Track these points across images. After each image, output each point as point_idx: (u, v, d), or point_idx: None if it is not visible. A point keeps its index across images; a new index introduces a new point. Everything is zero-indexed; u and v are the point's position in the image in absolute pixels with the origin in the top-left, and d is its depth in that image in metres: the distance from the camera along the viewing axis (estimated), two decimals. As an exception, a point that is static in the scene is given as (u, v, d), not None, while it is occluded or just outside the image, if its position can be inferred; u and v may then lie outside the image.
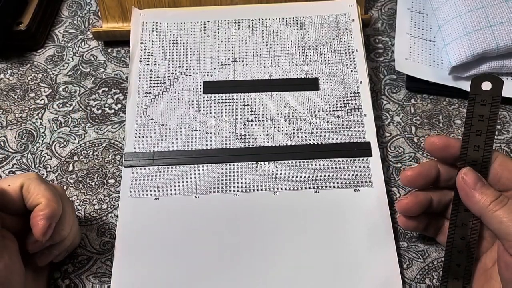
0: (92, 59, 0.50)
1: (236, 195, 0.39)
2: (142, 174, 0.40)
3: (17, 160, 0.43)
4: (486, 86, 0.33)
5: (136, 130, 0.42)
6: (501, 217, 0.30)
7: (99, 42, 0.51)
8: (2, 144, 0.44)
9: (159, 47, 0.46)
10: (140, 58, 0.46)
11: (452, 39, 0.44)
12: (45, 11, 0.51)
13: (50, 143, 0.44)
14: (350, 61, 0.45)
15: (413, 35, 0.48)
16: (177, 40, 0.47)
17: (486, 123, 0.33)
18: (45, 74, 0.48)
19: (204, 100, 0.44)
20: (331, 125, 0.42)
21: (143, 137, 0.42)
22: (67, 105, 0.46)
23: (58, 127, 0.45)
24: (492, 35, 0.43)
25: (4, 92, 0.47)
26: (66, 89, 0.47)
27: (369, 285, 0.35)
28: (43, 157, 0.43)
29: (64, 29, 0.52)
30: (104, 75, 0.48)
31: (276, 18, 0.48)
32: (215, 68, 0.45)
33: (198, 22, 0.48)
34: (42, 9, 0.50)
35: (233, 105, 0.43)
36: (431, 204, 0.35)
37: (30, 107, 0.46)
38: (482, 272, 0.33)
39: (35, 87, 0.48)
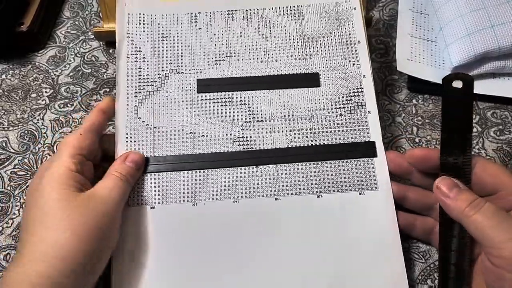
0: (94, 59, 0.50)
1: (236, 201, 0.37)
2: (136, 181, 0.38)
3: (18, 160, 0.43)
4: (457, 84, 0.33)
5: (127, 134, 0.39)
6: (476, 223, 0.30)
7: (101, 42, 0.51)
8: (4, 144, 0.44)
9: (148, 41, 0.43)
10: (128, 54, 0.42)
11: (454, 40, 0.44)
12: (47, 12, 0.51)
13: (52, 144, 0.44)
14: (352, 54, 0.42)
15: (415, 36, 0.48)
16: (166, 34, 0.43)
17: (462, 120, 0.33)
18: (46, 75, 0.48)
19: (198, 100, 0.41)
20: (334, 124, 0.40)
21: (135, 141, 0.39)
22: (68, 105, 0.46)
23: (59, 128, 0.45)
24: (493, 36, 0.43)
25: (5, 93, 0.47)
26: (68, 89, 0.47)
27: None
28: (45, 158, 0.43)
29: (66, 29, 0.52)
30: (106, 75, 0.48)
31: (272, 8, 0.45)
32: (208, 64, 0.42)
33: (188, 13, 0.44)
34: (44, 10, 0.50)
35: (229, 105, 0.41)
36: (405, 198, 0.37)
37: (32, 108, 0.46)
38: (478, 274, 0.33)
39: (37, 87, 0.48)
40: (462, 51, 0.43)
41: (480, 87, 0.45)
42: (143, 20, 0.44)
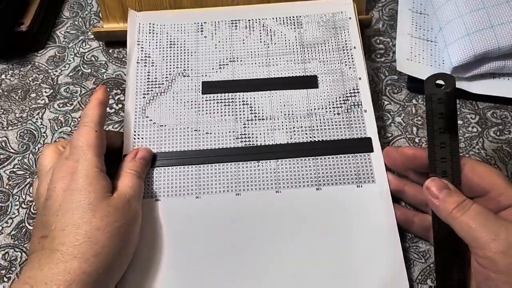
0: (93, 59, 0.50)
1: (238, 194, 0.39)
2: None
3: (18, 160, 0.43)
4: (440, 84, 0.33)
5: (135, 131, 0.42)
6: (462, 224, 0.30)
7: (100, 42, 0.51)
8: (3, 144, 0.44)
9: (156, 48, 0.46)
10: (137, 60, 0.45)
11: (454, 40, 0.44)
12: (46, 12, 0.51)
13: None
14: (348, 59, 0.45)
15: (414, 36, 0.48)
16: (174, 42, 0.47)
17: (447, 120, 0.33)
18: (46, 75, 0.48)
19: (203, 100, 0.43)
20: (332, 122, 0.42)
21: (142, 138, 0.41)
22: (68, 104, 0.46)
23: (58, 127, 0.45)
24: (493, 36, 0.43)
25: (5, 93, 0.47)
26: (67, 89, 0.47)
27: (374, 280, 0.35)
28: (44, 157, 0.43)
29: (65, 29, 0.52)
30: (105, 75, 0.48)
31: (273, 18, 0.48)
32: (213, 69, 0.45)
33: (195, 23, 0.48)
34: (43, 10, 0.50)
35: (232, 105, 0.43)
36: (403, 192, 0.38)
37: (31, 107, 0.46)
38: (475, 273, 0.33)
39: (36, 87, 0.48)
40: (461, 51, 0.43)
41: (480, 87, 0.45)
42: (153, 30, 0.47)
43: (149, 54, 0.46)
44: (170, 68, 0.45)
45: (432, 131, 0.34)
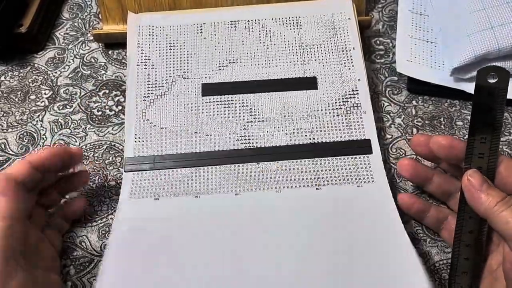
0: (93, 61, 0.50)
1: (238, 194, 0.39)
2: (143, 178, 0.40)
3: (17, 162, 0.43)
4: (492, 78, 0.32)
5: (135, 134, 0.42)
6: (507, 218, 0.30)
7: (100, 44, 0.51)
8: (2, 146, 0.44)
9: (156, 50, 0.46)
10: (137, 62, 0.45)
11: (454, 41, 0.44)
12: (46, 13, 0.51)
13: (51, 145, 0.44)
14: (348, 59, 0.45)
15: (414, 37, 0.48)
16: (174, 43, 0.47)
17: (493, 115, 0.32)
18: (45, 77, 0.48)
19: (203, 102, 0.44)
20: (331, 123, 0.42)
21: (143, 141, 0.42)
22: (68, 106, 0.46)
23: (58, 129, 0.45)
24: (493, 37, 0.43)
25: (5, 95, 0.47)
26: (67, 91, 0.47)
27: (384, 278, 0.34)
28: (44, 159, 0.43)
29: (65, 31, 0.52)
30: (105, 77, 0.48)
31: (272, 19, 0.48)
32: (213, 70, 0.45)
33: (194, 24, 0.48)
34: (43, 11, 0.50)
35: (232, 107, 0.43)
36: (430, 181, 0.37)
37: (31, 109, 0.46)
38: (487, 273, 0.33)
39: (36, 89, 0.48)
40: (461, 52, 0.43)
41: (480, 88, 0.45)
42: (153, 32, 0.47)
43: (149, 56, 0.46)
44: (170, 70, 0.45)
45: (474, 124, 0.33)
